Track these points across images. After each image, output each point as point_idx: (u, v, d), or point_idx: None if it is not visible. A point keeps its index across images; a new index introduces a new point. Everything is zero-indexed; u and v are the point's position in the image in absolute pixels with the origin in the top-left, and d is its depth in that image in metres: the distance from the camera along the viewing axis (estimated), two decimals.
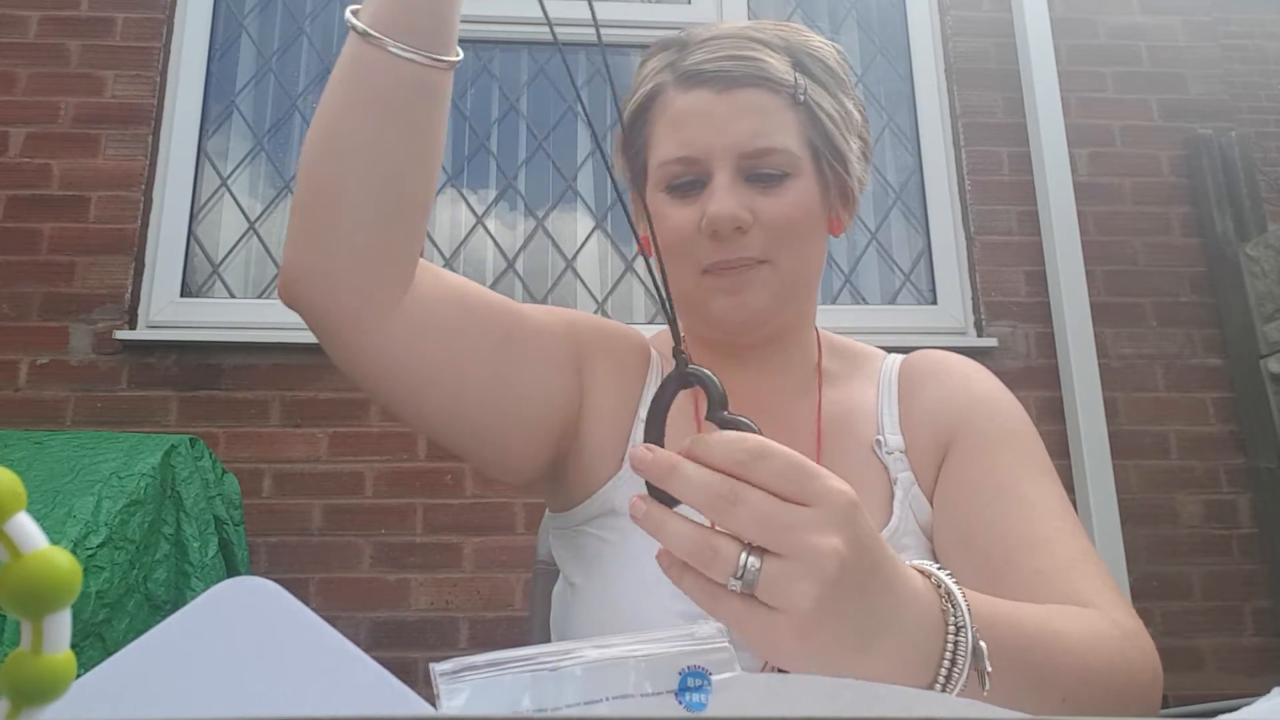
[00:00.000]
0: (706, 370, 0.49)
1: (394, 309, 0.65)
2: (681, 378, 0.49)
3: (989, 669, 0.47)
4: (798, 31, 0.78)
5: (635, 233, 0.66)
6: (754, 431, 0.45)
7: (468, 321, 0.69)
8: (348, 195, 0.62)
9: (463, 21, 2.48)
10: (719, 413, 0.47)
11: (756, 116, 0.73)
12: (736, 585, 0.42)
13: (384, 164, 0.62)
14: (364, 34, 0.61)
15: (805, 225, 0.74)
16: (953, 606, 0.47)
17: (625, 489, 0.75)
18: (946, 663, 0.46)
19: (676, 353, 0.49)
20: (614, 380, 0.79)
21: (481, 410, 0.71)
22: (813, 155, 0.75)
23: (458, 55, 0.64)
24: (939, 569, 0.49)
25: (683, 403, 0.82)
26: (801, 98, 0.74)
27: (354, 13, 0.62)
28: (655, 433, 0.49)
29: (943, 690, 0.46)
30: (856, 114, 0.79)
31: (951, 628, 0.46)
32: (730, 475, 0.43)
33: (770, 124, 0.73)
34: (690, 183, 0.74)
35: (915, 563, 0.49)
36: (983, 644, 0.47)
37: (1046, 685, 0.52)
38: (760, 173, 0.73)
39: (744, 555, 0.42)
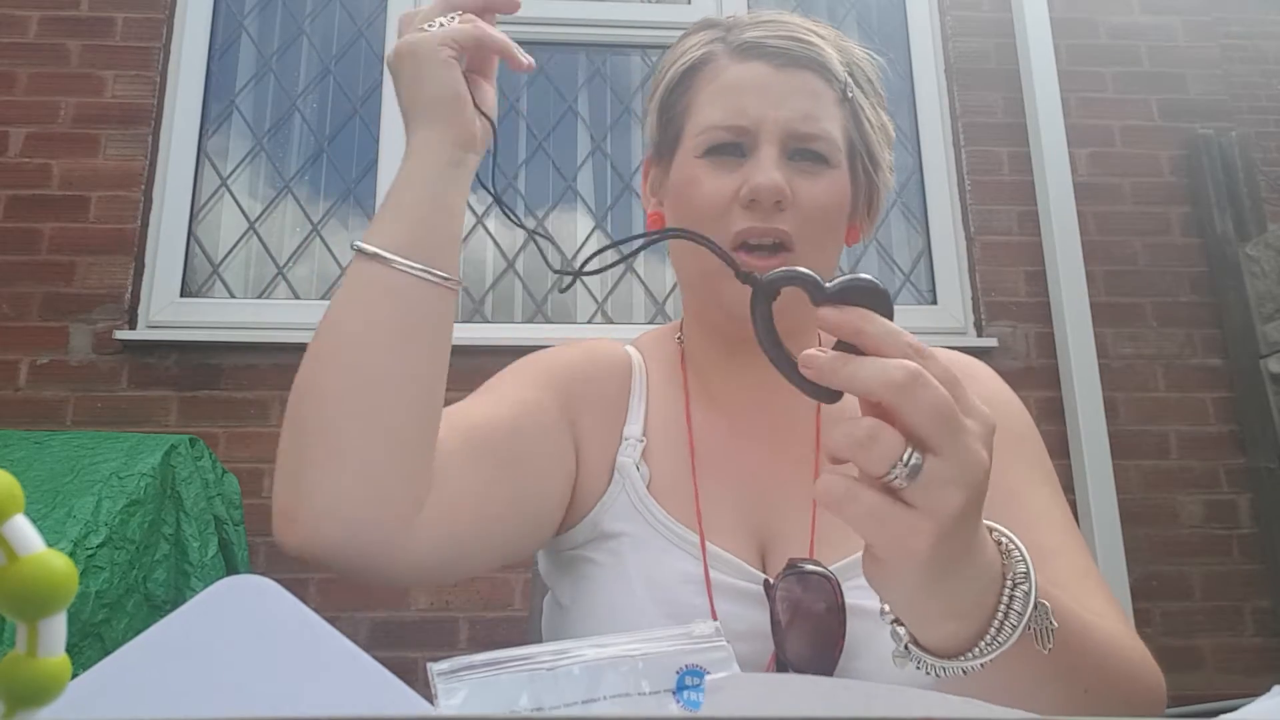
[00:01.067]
0: (778, 270, 0.45)
1: (418, 512, 0.61)
2: (765, 291, 0.45)
3: (1055, 625, 0.46)
4: (845, 38, 0.80)
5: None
6: (875, 284, 0.43)
7: (479, 474, 0.66)
8: (357, 416, 0.58)
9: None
10: (826, 294, 0.44)
11: (810, 99, 0.73)
12: (898, 473, 0.40)
13: (398, 383, 0.60)
14: (373, 255, 0.61)
15: (834, 217, 0.74)
16: (1012, 561, 0.47)
17: (614, 508, 0.74)
18: (999, 616, 0.45)
19: (744, 275, 0.46)
20: (599, 409, 0.78)
21: (509, 532, 0.69)
22: (850, 153, 0.76)
23: (460, 279, 0.65)
24: (1000, 526, 0.48)
25: (669, 393, 0.81)
26: (850, 94, 0.75)
27: (361, 241, 0.62)
28: (782, 354, 0.44)
29: (991, 643, 0.45)
30: (891, 128, 0.80)
31: (1009, 582, 0.46)
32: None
33: (821, 110, 0.73)
34: (731, 152, 0.73)
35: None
36: (1046, 602, 0.46)
37: (1076, 673, 0.52)
38: (803, 155, 0.72)
39: (909, 448, 0.40)
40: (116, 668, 0.38)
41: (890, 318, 0.43)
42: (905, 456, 0.40)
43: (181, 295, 2.27)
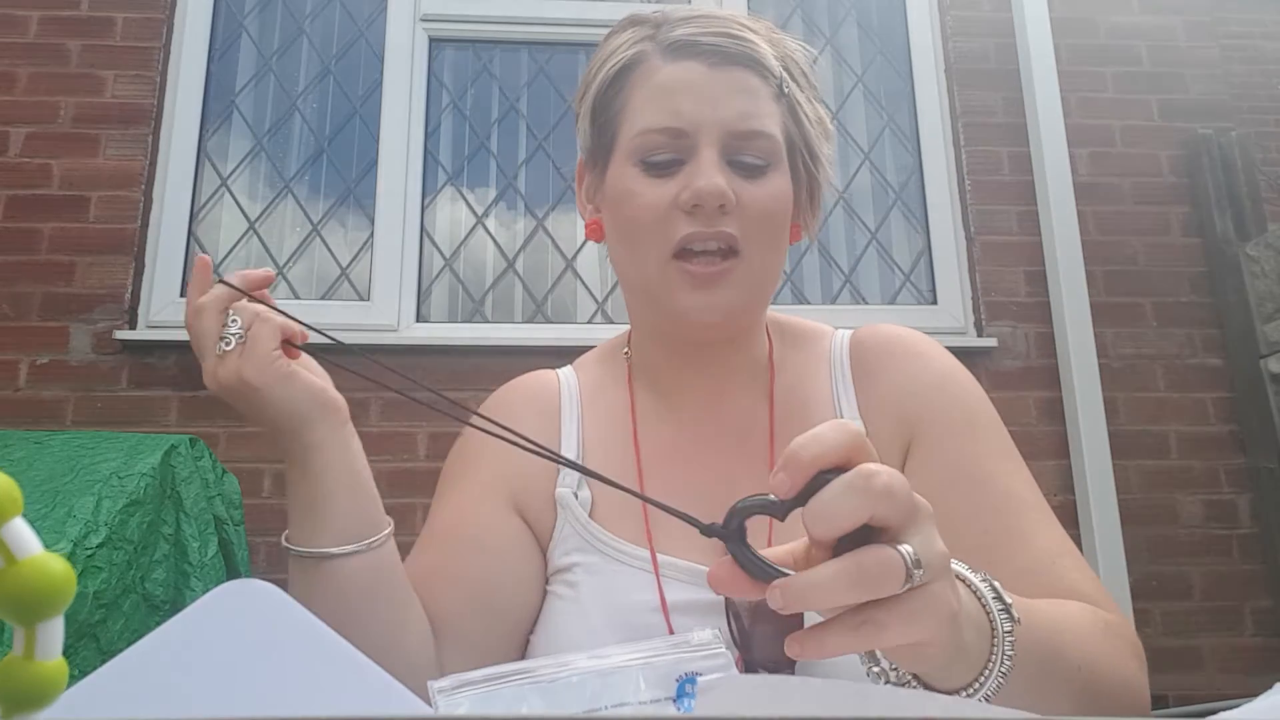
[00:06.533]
0: (737, 508, 0.44)
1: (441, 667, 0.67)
2: (735, 536, 0.44)
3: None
4: (775, 29, 0.77)
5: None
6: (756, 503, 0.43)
7: (477, 623, 0.71)
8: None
9: (462, 21, 2.48)
10: (712, 530, 0.44)
11: (747, 97, 0.70)
12: (915, 576, 0.38)
13: (381, 630, 0.65)
14: (304, 554, 0.64)
15: (779, 219, 0.72)
16: (984, 595, 0.46)
17: (563, 541, 0.74)
18: (994, 650, 0.45)
19: (706, 529, 0.44)
20: (528, 461, 0.74)
21: (524, 621, 0.74)
22: (790, 150, 0.73)
23: (389, 524, 0.68)
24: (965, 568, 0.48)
25: (613, 408, 0.79)
26: (786, 89, 0.72)
27: (287, 538, 0.66)
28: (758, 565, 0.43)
29: (993, 673, 0.45)
30: (828, 121, 0.78)
31: (991, 615, 0.46)
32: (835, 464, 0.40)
33: (759, 107, 0.70)
34: (669, 160, 0.70)
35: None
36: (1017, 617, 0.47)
37: (1052, 678, 0.52)
38: (743, 158, 0.70)
39: (898, 547, 0.38)
40: (120, 670, 0.38)
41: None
42: (908, 559, 0.38)
43: (181, 295, 2.27)
